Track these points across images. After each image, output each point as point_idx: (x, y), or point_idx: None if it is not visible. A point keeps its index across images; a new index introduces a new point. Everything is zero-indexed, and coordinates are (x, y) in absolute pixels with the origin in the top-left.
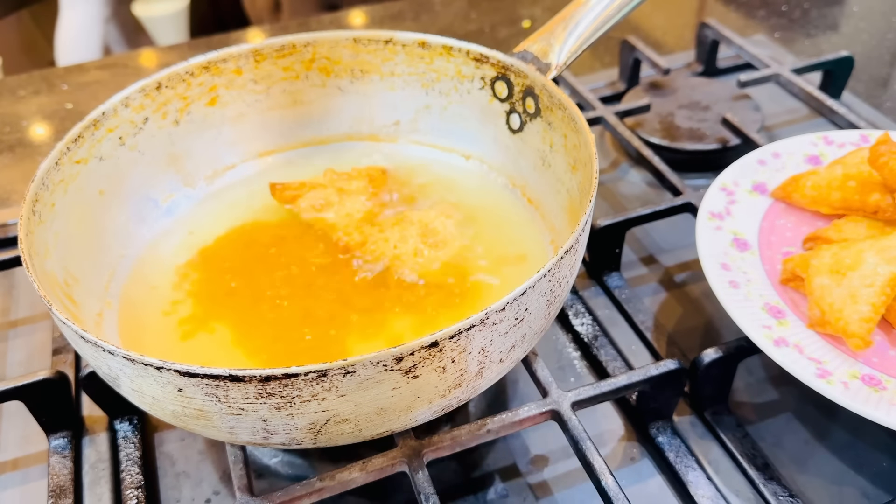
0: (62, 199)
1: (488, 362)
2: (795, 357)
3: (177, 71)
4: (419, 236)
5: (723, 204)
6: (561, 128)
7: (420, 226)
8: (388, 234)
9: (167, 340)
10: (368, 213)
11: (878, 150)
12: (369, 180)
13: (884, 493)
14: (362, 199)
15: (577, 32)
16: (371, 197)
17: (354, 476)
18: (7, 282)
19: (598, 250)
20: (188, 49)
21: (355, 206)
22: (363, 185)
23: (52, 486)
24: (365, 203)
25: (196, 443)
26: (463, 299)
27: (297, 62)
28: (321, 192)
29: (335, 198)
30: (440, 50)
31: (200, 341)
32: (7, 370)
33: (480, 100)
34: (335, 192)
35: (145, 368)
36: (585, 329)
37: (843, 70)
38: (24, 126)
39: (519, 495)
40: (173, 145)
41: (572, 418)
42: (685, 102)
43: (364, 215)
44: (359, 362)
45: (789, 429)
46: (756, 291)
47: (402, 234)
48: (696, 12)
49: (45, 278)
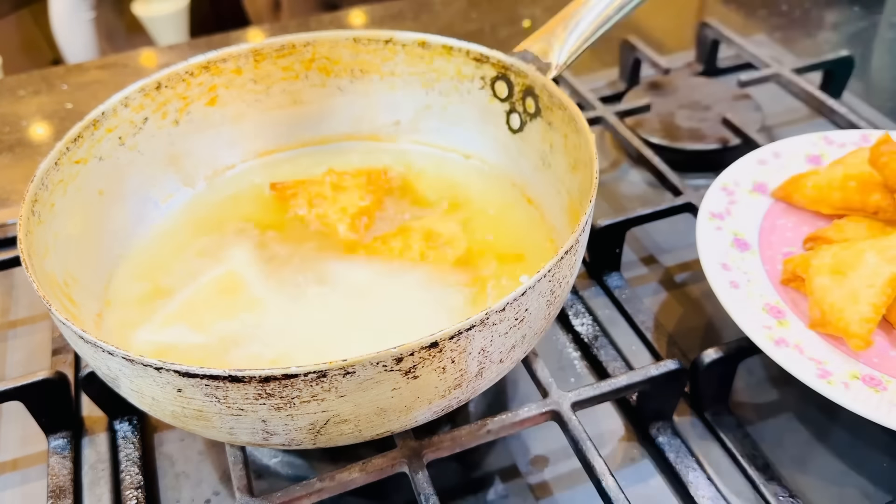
0: (62, 200)
1: (488, 363)
2: (796, 357)
3: (177, 71)
4: (423, 240)
5: (723, 204)
6: (561, 128)
7: (423, 232)
8: (393, 244)
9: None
10: (363, 210)
11: (878, 150)
12: (368, 179)
13: (884, 493)
14: (356, 195)
15: (578, 32)
16: (367, 194)
17: (354, 476)
18: (7, 282)
19: (599, 250)
20: (188, 49)
21: (351, 201)
22: (361, 183)
23: (52, 487)
24: (359, 200)
25: (196, 443)
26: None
27: (296, 62)
28: (317, 189)
29: (330, 194)
30: (440, 50)
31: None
32: (7, 370)
33: (480, 100)
34: (331, 188)
35: (145, 369)
36: (585, 329)
37: (843, 70)
38: (24, 126)
39: (519, 496)
40: (173, 145)
41: (572, 419)
42: (685, 102)
43: (358, 210)
44: (358, 363)
45: (790, 429)
46: (756, 291)
47: (405, 243)
48: (696, 12)
49: (45, 278)
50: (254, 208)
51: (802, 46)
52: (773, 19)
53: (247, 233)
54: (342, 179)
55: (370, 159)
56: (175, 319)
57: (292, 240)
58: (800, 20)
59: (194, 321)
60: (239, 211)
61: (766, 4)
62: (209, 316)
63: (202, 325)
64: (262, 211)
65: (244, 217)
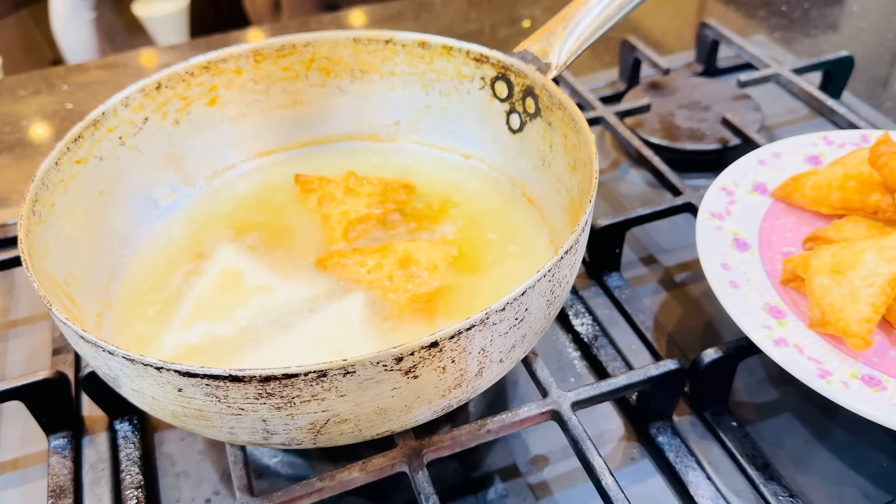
0: (62, 199)
1: (488, 362)
2: (795, 357)
3: (177, 71)
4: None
5: (723, 204)
6: (561, 128)
7: (403, 260)
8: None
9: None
10: (361, 217)
11: (878, 150)
12: (383, 188)
13: (884, 493)
14: (363, 202)
15: (577, 32)
16: (375, 204)
17: (354, 476)
18: (7, 282)
19: (598, 250)
20: (188, 49)
21: (355, 207)
22: (375, 191)
23: (52, 486)
24: (364, 208)
25: (196, 443)
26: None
27: (297, 62)
28: (332, 189)
29: (340, 196)
30: (440, 50)
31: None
32: (7, 370)
33: (480, 100)
34: (344, 191)
35: (145, 368)
36: (585, 329)
37: (843, 70)
38: (24, 126)
39: (519, 495)
40: (173, 145)
41: (572, 418)
42: (685, 102)
43: (358, 217)
44: (358, 362)
45: (789, 429)
46: (756, 291)
47: (378, 262)
48: (696, 12)
49: (45, 278)
50: (254, 208)
51: (802, 46)
52: (772, 19)
53: (244, 233)
54: (359, 184)
55: (370, 159)
56: (195, 318)
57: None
58: (800, 20)
59: (215, 315)
60: (239, 211)
61: (766, 4)
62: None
63: (222, 317)
64: (262, 211)
65: (244, 217)
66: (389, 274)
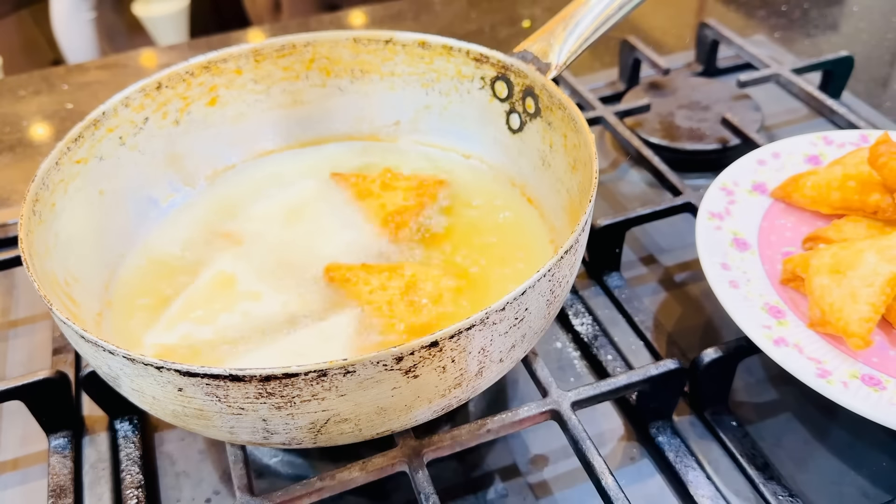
0: (62, 199)
1: (488, 362)
2: (795, 357)
3: (177, 71)
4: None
5: (723, 204)
6: (561, 128)
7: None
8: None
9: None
10: (400, 209)
11: (877, 150)
12: (419, 184)
13: (884, 493)
14: (400, 196)
15: (577, 32)
16: (410, 198)
17: (354, 476)
18: (7, 282)
19: (598, 250)
20: (188, 49)
21: (393, 200)
22: (412, 185)
23: (53, 486)
24: (403, 200)
25: (196, 442)
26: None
27: (297, 62)
28: (368, 185)
29: (377, 191)
30: (440, 50)
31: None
32: (7, 370)
33: (480, 100)
34: (381, 186)
35: (145, 368)
36: (585, 329)
37: (842, 70)
38: (25, 126)
39: (519, 495)
40: (173, 145)
41: (572, 418)
42: (685, 102)
43: (396, 209)
44: (359, 362)
45: (789, 429)
46: (756, 291)
47: (382, 284)
48: (696, 12)
49: (46, 278)
50: (253, 208)
51: (802, 46)
52: (772, 19)
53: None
54: (395, 180)
55: (370, 159)
56: (180, 318)
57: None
58: (799, 20)
59: (199, 318)
60: (238, 211)
61: (766, 4)
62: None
63: (206, 321)
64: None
65: (244, 217)
66: (391, 299)
